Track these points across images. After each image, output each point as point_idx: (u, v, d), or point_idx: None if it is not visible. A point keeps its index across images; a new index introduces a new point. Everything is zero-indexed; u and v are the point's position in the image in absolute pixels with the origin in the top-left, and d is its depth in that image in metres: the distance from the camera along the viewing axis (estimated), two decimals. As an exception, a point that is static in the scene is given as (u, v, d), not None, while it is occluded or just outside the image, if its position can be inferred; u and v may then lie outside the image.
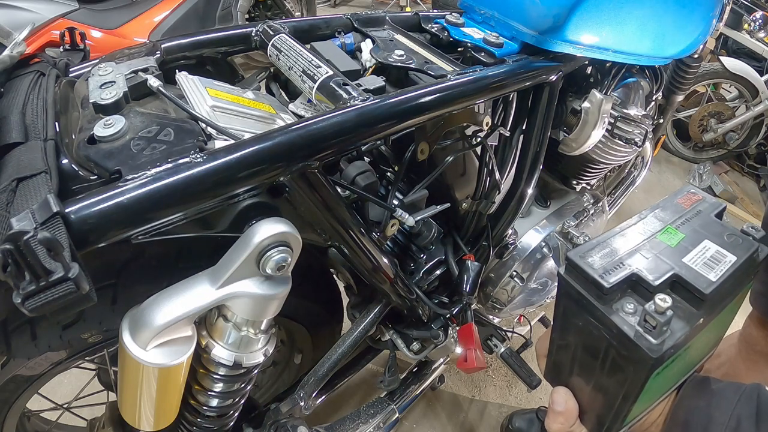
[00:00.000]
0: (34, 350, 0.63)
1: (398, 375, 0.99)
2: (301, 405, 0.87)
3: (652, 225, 0.45)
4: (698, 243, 0.42)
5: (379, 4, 4.78)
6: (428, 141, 0.73)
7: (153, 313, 0.52)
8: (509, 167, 0.92)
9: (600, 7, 0.81)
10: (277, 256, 0.53)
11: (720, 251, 0.41)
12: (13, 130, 0.50)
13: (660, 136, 1.55)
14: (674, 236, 0.43)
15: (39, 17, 1.96)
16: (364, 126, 0.59)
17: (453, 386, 1.45)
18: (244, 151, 0.50)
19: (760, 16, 2.42)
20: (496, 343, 1.08)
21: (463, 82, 0.69)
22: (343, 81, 0.62)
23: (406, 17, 0.91)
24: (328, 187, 0.61)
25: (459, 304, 0.94)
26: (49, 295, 0.37)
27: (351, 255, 0.71)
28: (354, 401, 1.37)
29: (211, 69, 0.77)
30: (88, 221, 0.41)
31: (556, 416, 0.49)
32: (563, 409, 0.48)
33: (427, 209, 0.80)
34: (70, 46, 0.73)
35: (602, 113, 0.89)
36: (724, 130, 2.68)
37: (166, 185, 0.45)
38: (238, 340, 0.60)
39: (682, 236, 0.43)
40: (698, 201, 0.47)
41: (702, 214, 0.46)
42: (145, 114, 0.54)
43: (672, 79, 1.20)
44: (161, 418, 0.63)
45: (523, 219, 1.12)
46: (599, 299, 0.40)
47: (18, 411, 0.78)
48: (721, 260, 0.40)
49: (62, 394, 1.09)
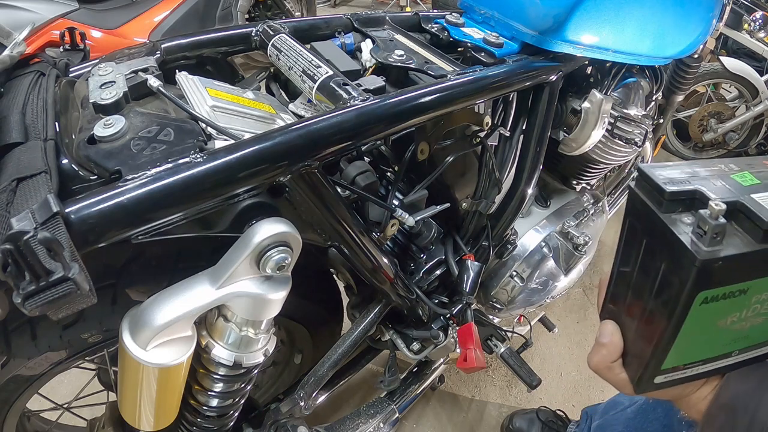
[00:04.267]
0: (34, 350, 0.63)
1: (398, 375, 0.99)
2: (301, 405, 0.87)
3: (728, 167, 0.44)
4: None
5: (379, 4, 4.78)
6: (428, 141, 0.73)
7: (153, 313, 0.52)
8: (509, 167, 0.92)
9: (600, 8, 0.81)
10: (277, 256, 0.53)
11: None
12: (13, 130, 0.50)
13: (660, 136, 1.55)
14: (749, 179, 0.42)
15: (39, 17, 1.96)
16: (364, 126, 0.59)
17: (453, 386, 1.45)
18: (244, 151, 0.50)
19: (760, 16, 2.42)
20: (496, 343, 1.08)
21: (463, 82, 0.69)
22: (343, 81, 0.62)
23: (406, 17, 0.91)
24: (328, 187, 0.61)
25: (459, 304, 0.94)
26: (49, 295, 0.37)
27: (351, 255, 0.71)
28: (354, 401, 1.37)
29: (211, 69, 0.77)
30: (88, 221, 0.41)
31: (600, 348, 0.48)
32: (608, 341, 0.47)
33: (427, 209, 0.80)
34: (70, 46, 0.73)
35: (602, 113, 0.89)
36: (724, 130, 2.68)
37: (166, 185, 0.45)
38: (238, 340, 0.60)
39: (758, 182, 0.42)
40: None
41: None
42: (145, 114, 0.54)
43: (672, 79, 1.20)
44: (161, 418, 0.63)
45: (523, 219, 1.12)
46: (659, 206, 0.40)
47: (18, 411, 0.78)
48: None
49: (62, 394, 1.09)
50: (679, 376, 0.46)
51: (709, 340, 0.44)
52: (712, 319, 0.41)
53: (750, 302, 0.41)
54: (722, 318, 0.41)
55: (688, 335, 0.41)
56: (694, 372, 0.46)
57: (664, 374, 0.45)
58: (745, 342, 0.45)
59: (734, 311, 0.41)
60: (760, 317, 0.43)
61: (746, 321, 0.43)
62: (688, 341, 0.42)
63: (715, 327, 0.42)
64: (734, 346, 0.45)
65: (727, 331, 0.43)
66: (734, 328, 0.43)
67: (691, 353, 0.44)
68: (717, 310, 0.40)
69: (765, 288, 0.41)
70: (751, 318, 0.43)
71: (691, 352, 0.44)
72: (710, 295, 0.38)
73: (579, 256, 1.08)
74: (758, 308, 0.42)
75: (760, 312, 0.42)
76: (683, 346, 0.43)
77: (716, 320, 0.41)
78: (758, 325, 0.44)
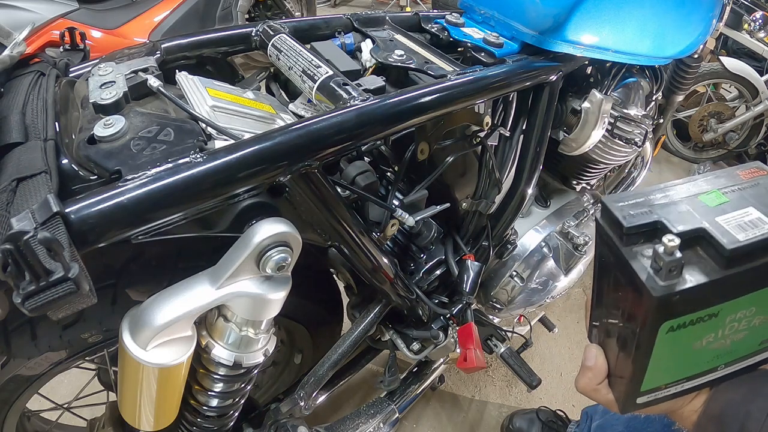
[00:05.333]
0: (34, 350, 0.63)
1: (398, 375, 0.99)
2: (301, 405, 0.87)
3: (698, 187, 0.43)
4: (741, 208, 0.39)
5: (379, 4, 4.78)
6: (428, 141, 0.73)
7: (153, 313, 0.52)
8: (509, 167, 0.92)
9: (600, 7, 0.81)
10: (277, 256, 0.53)
11: (762, 218, 0.38)
12: (13, 130, 0.50)
13: (660, 136, 1.55)
14: (717, 199, 0.41)
15: (39, 17, 1.96)
16: (364, 126, 0.59)
17: (453, 386, 1.45)
18: (244, 151, 0.50)
19: (760, 16, 2.42)
20: (496, 343, 1.08)
21: (463, 82, 0.69)
22: (343, 81, 0.62)
23: (406, 17, 0.91)
24: (328, 187, 0.61)
25: (459, 304, 0.94)
26: (49, 295, 0.37)
27: (351, 255, 0.71)
28: (354, 401, 1.37)
29: (211, 69, 0.77)
30: (88, 221, 0.41)
31: (585, 371, 0.49)
32: (592, 365, 0.48)
33: (427, 209, 0.80)
34: (70, 46, 0.72)
35: (602, 113, 0.89)
36: (724, 130, 2.68)
37: (166, 185, 0.45)
38: (238, 340, 0.60)
39: (726, 200, 0.40)
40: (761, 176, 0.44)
41: (759, 186, 0.42)
42: (145, 114, 0.54)
43: (672, 79, 1.20)
44: (161, 418, 0.63)
45: (523, 219, 1.12)
46: (621, 239, 0.40)
47: (18, 411, 0.78)
48: (759, 225, 0.37)
49: (62, 394, 1.09)
50: (663, 394, 0.46)
51: (688, 360, 0.43)
52: (685, 343, 0.40)
53: (724, 323, 0.40)
54: (697, 340, 0.41)
55: (661, 359, 0.41)
56: (679, 389, 0.46)
57: (645, 395, 0.45)
58: (730, 356, 0.45)
59: (708, 333, 0.40)
60: (740, 333, 0.42)
61: (725, 339, 0.42)
62: (662, 364, 0.42)
63: (690, 349, 0.41)
64: (719, 361, 0.45)
65: (706, 350, 0.42)
66: (713, 347, 0.42)
67: (670, 374, 0.44)
68: (688, 334, 0.39)
69: (738, 307, 0.40)
70: (731, 335, 0.42)
71: (670, 373, 0.44)
72: (676, 324, 0.38)
73: (579, 256, 1.08)
74: (735, 326, 0.41)
75: (739, 329, 0.42)
76: (658, 369, 0.42)
77: (690, 343, 0.41)
78: (741, 340, 0.43)
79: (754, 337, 0.44)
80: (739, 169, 0.44)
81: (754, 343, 0.45)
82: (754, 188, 0.42)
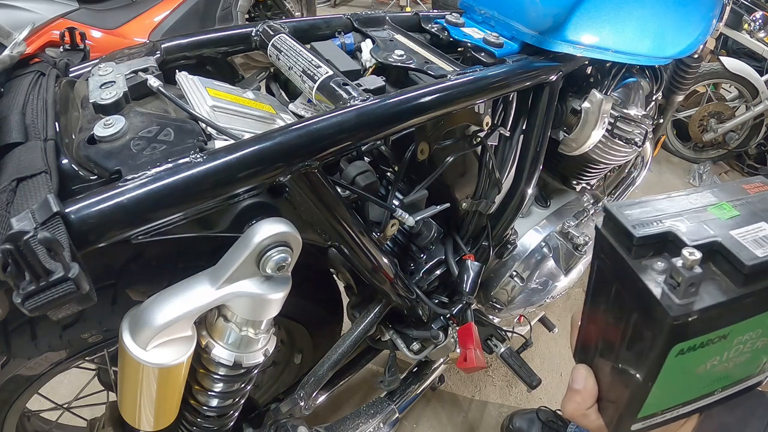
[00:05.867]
0: (34, 350, 0.63)
1: (398, 375, 0.99)
2: (301, 405, 0.87)
3: (705, 198, 0.40)
4: (753, 222, 0.37)
5: (379, 4, 4.78)
6: (428, 141, 0.73)
7: (153, 313, 0.52)
8: (509, 167, 0.92)
9: (600, 7, 0.81)
10: (277, 256, 0.53)
11: None
12: (13, 130, 0.50)
13: (660, 136, 1.55)
14: (727, 212, 0.38)
15: (39, 17, 1.96)
16: (364, 126, 0.59)
17: (453, 386, 1.45)
18: (244, 151, 0.50)
19: (760, 16, 2.42)
20: (496, 343, 1.08)
21: (463, 82, 0.69)
22: (343, 81, 0.62)
23: (406, 17, 0.91)
24: (328, 187, 0.61)
25: (459, 304, 0.94)
26: (49, 295, 0.37)
27: (351, 255, 0.71)
28: (354, 401, 1.37)
29: (211, 69, 0.77)
30: (88, 221, 0.41)
31: (573, 395, 0.45)
32: (581, 388, 0.45)
33: (427, 209, 0.80)
34: (70, 46, 0.72)
35: (602, 113, 0.89)
36: (724, 130, 2.68)
37: (166, 185, 0.45)
38: (238, 340, 0.60)
39: (737, 213, 0.38)
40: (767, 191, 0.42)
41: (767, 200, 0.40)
42: (145, 114, 0.54)
43: (672, 79, 1.20)
44: (161, 418, 0.63)
45: (523, 219, 1.12)
46: (629, 251, 0.36)
47: (18, 411, 0.78)
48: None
49: (62, 394, 1.09)
50: (658, 420, 0.43)
51: (689, 385, 0.41)
52: (690, 367, 0.38)
53: (731, 345, 0.38)
54: (701, 364, 0.38)
55: (663, 385, 0.38)
56: (673, 414, 0.43)
57: (641, 421, 0.42)
58: (728, 380, 0.42)
59: (714, 356, 0.38)
60: (743, 356, 0.40)
61: (729, 362, 0.40)
62: (664, 390, 0.39)
63: (693, 373, 0.39)
64: (717, 386, 0.42)
65: (708, 374, 0.40)
66: (715, 371, 0.40)
67: (669, 399, 0.42)
68: (695, 358, 0.37)
69: (747, 329, 0.37)
70: (734, 358, 0.40)
71: (669, 399, 0.41)
72: (686, 347, 0.35)
73: (579, 256, 1.08)
74: (741, 348, 0.39)
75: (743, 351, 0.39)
76: (659, 395, 0.40)
77: (695, 367, 0.38)
78: (741, 363, 0.41)
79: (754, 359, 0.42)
80: (744, 183, 0.43)
81: (753, 366, 0.43)
82: (763, 203, 0.40)
